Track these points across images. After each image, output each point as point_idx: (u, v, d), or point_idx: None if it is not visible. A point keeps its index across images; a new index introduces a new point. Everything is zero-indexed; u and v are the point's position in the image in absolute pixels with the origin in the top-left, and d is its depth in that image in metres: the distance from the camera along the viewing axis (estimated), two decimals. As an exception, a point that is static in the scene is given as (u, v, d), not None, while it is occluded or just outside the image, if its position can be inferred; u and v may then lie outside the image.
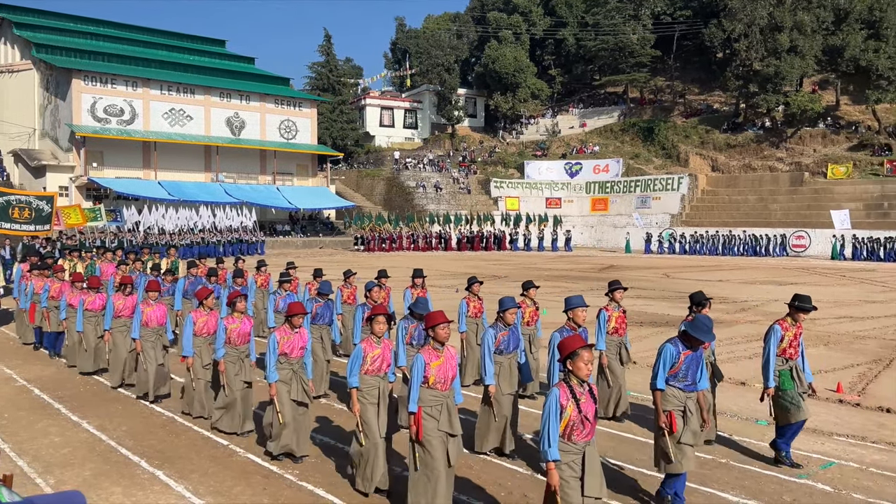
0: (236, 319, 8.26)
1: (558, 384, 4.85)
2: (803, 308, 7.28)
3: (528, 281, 10.14)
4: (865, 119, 56.51)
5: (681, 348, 6.17)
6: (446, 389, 5.97)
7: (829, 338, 14.55)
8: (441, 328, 5.94)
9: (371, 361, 6.56)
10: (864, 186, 48.99)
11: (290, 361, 7.35)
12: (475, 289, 10.48)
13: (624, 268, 34.75)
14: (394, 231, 50.65)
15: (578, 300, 7.42)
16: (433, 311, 6.16)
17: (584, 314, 7.34)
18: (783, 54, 53.86)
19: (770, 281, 27.31)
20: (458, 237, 51.44)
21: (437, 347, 5.98)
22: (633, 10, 66.97)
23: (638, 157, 62.03)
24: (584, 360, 4.77)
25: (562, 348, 4.85)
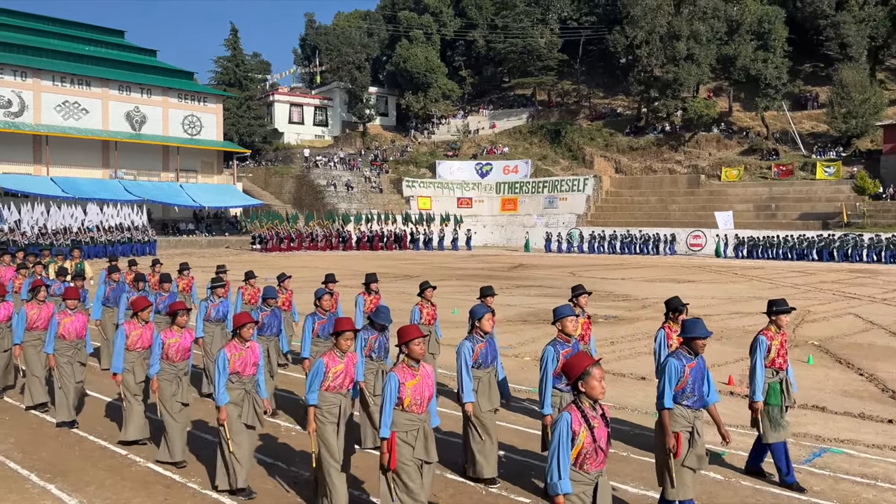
0: (175, 333, 7.44)
1: (569, 407, 4.30)
2: (783, 311, 6.98)
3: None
4: (755, 125, 59.98)
5: (684, 361, 5.79)
6: (422, 412, 5.47)
7: (722, 333, 15.35)
8: (416, 344, 5.41)
9: (333, 377, 6.07)
10: (755, 189, 51.99)
11: (243, 380, 6.59)
12: (428, 294, 9.94)
13: (532, 266, 35.53)
14: (292, 230, 49.55)
15: (567, 310, 6.77)
16: (406, 326, 5.59)
17: (575, 324, 6.73)
18: (681, 62, 56.41)
19: (668, 279, 28.57)
20: (359, 236, 50.89)
21: (411, 365, 5.44)
22: (541, 15, 68.52)
23: (546, 158, 63.56)
24: (596, 378, 4.27)
25: (570, 369, 4.34)
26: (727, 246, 43.88)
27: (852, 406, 9.64)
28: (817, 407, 9.60)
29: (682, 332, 5.89)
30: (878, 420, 8.99)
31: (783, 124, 57.95)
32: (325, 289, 9.37)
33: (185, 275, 13.32)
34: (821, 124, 56.09)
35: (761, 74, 55.41)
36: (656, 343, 7.46)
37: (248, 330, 6.58)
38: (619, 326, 16.38)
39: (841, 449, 7.89)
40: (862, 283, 26.80)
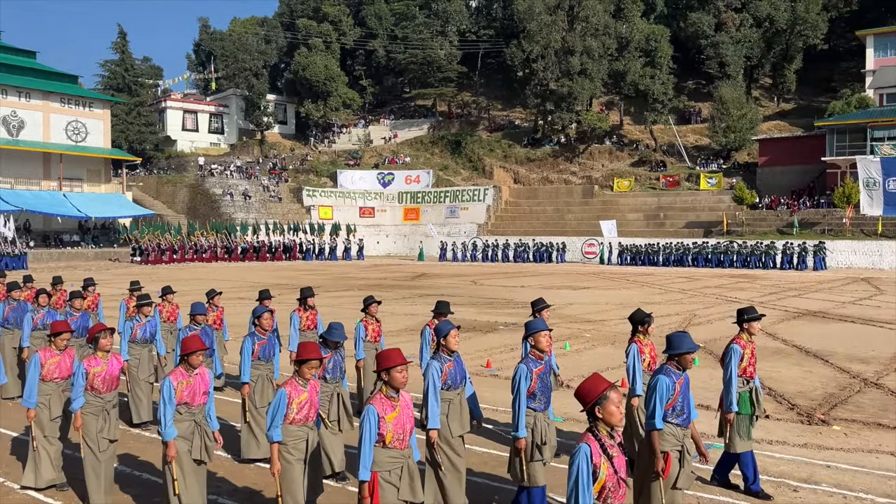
0: (100, 359, 6.58)
1: (586, 438, 3.85)
2: (753, 318, 6.88)
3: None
4: (644, 138, 62.91)
5: (674, 377, 5.58)
6: (405, 447, 4.92)
7: (616, 337, 15.96)
8: (398, 371, 4.85)
9: (298, 409, 5.53)
10: (644, 199, 54.48)
11: (192, 411, 5.88)
12: (372, 309, 9.35)
13: (435, 276, 35.77)
14: (175, 241, 47.75)
15: (541, 324, 6.34)
16: (387, 350, 5.00)
17: (549, 340, 6.24)
18: (575, 76, 58.48)
19: (566, 286, 29.47)
20: (245, 247, 49.70)
21: (391, 395, 4.88)
22: (441, 27, 69.36)
23: (447, 168, 64.27)
24: (614, 402, 3.86)
25: (585, 393, 3.91)
26: (611, 253, 45.86)
27: (734, 403, 10.22)
28: (702, 406, 10.12)
29: (670, 347, 5.65)
30: (758, 415, 9.57)
31: (670, 137, 61.06)
32: (265, 306, 8.52)
33: (91, 291, 11.93)
34: (704, 138, 59.50)
35: (649, 90, 58.23)
36: (629, 358, 7.18)
37: (198, 357, 5.91)
38: (518, 333, 16.71)
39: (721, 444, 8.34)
40: (742, 287, 28.53)
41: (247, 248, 49.43)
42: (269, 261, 49.29)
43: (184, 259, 46.88)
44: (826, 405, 9.93)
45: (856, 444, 8.24)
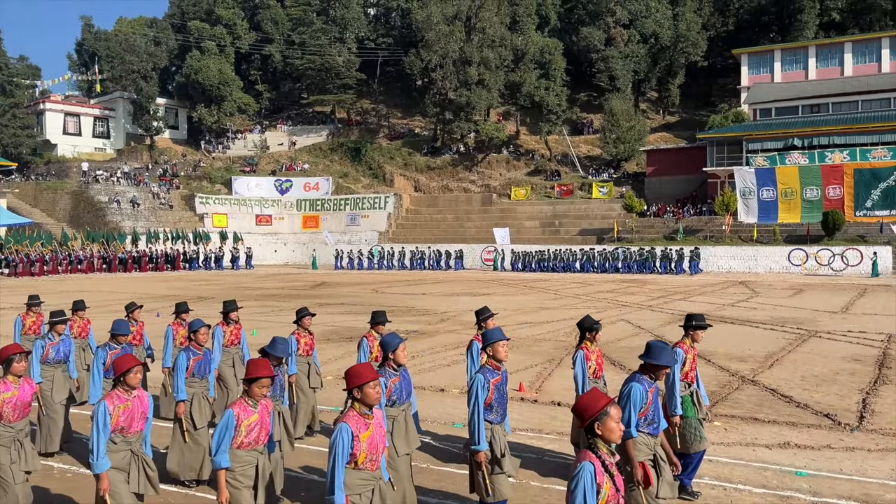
0: (10, 384, 5.94)
1: (586, 456, 3.70)
2: (701, 326, 6.91)
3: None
4: (540, 148, 64.68)
5: (646, 385, 5.50)
6: (376, 468, 4.66)
7: (513, 342, 16.28)
8: (371, 387, 4.55)
9: (247, 431, 5.10)
10: (540, 207, 55.98)
11: (128, 439, 5.36)
12: (305, 322, 8.90)
13: (335, 284, 35.35)
14: (45, 251, 44.99)
15: (499, 333, 6.09)
16: (359, 366, 4.69)
17: (507, 350, 6.06)
18: (473, 86, 59.46)
19: (466, 293, 29.82)
20: (123, 257, 47.56)
21: (364, 413, 4.58)
22: (339, 33, 68.84)
23: (347, 176, 63.77)
24: (615, 419, 3.74)
25: (584, 409, 3.77)
26: (503, 260, 46.97)
27: (625, 403, 10.64)
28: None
29: (648, 356, 5.57)
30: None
31: (564, 148, 63.07)
32: (202, 321, 7.92)
33: (35, 311, 10.86)
34: (595, 148, 61.84)
35: (544, 101, 59.99)
36: (576, 365, 7.09)
37: (136, 375, 5.31)
38: (419, 340, 16.77)
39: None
40: (632, 292, 29.78)
41: (125, 259, 47.13)
42: (152, 271, 47.24)
43: (56, 271, 44.09)
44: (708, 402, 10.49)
45: (734, 439, 8.75)
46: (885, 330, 17.46)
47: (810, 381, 11.90)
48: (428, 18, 60.01)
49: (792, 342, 15.86)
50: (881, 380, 11.82)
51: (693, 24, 62.81)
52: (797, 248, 40.68)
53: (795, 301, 25.04)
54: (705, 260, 42.13)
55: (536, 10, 67.54)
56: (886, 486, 7.05)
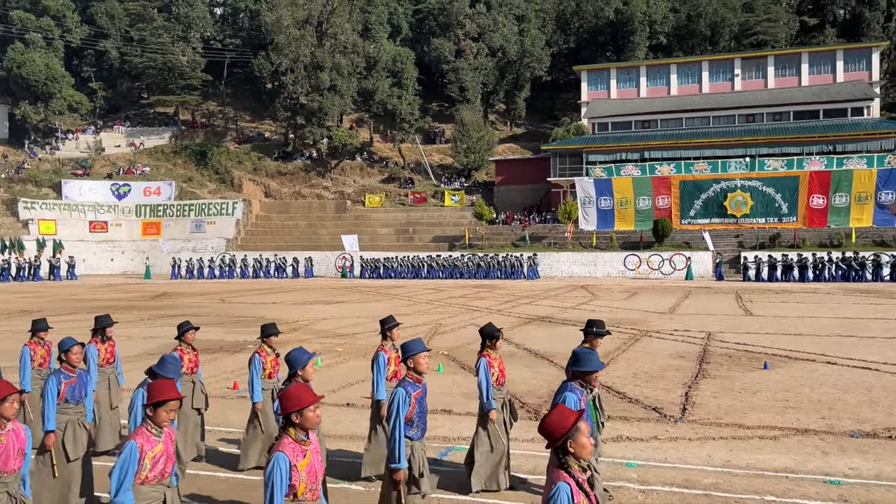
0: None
1: (559, 475, 3.55)
2: (601, 333, 6.98)
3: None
4: (394, 156, 65.14)
5: (578, 394, 5.39)
6: (316, 498, 4.22)
7: (367, 350, 16.25)
8: (311, 411, 4.13)
9: (151, 464, 4.45)
10: (394, 214, 56.35)
11: (4, 480, 4.66)
12: (189, 337, 8.25)
13: (177, 294, 33.63)
14: None
15: (420, 345, 5.86)
16: (297, 387, 4.23)
17: (428, 361, 5.87)
18: (325, 92, 58.89)
19: (319, 301, 29.41)
20: None
21: (301, 440, 4.14)
22: (182, 32, 65.79)
23: (191, 180, 60.91)
24: (585, 434, 3.61)
25: (554, 427, 3.60)
26: (353, 267, 46.96)
27: (474, 407, 10.94)
28: (445, 410, 10.70)
29: (577, 364, 5.48)
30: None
31: (417, 156, 63.92)
32: (73, 339, 7.04)
33: None
34: (447, 157, 63.17)
35: (397, 109, 60.52)
36: (480, 372, 6.93)
37: (12, 405, 4.62)
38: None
39: (463, 446, 8.90)
40: (482, 297, 30.68)
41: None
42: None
43: None
44: (550, 402, 11.02)
45: (574, 435, 9.24)
46: (706, 328, 19.15)
47: (641, 377, 12.82)
48: (278, 21, 58.74)
49: (626, 341, 17.01)
50: (701, 374, 12.96)
51: (537, 40, 65.92)
52: (631, 254, 43.68)
53: (630, 303, 26.88)
54: (550, 265, 44.25)
55: (388, 19, 68.16)
56: (704, 471, 7.74)
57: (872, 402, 10.65)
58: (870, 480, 7.33)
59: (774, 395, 11.30)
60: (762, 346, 15.86)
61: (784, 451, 8.34)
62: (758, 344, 16.25)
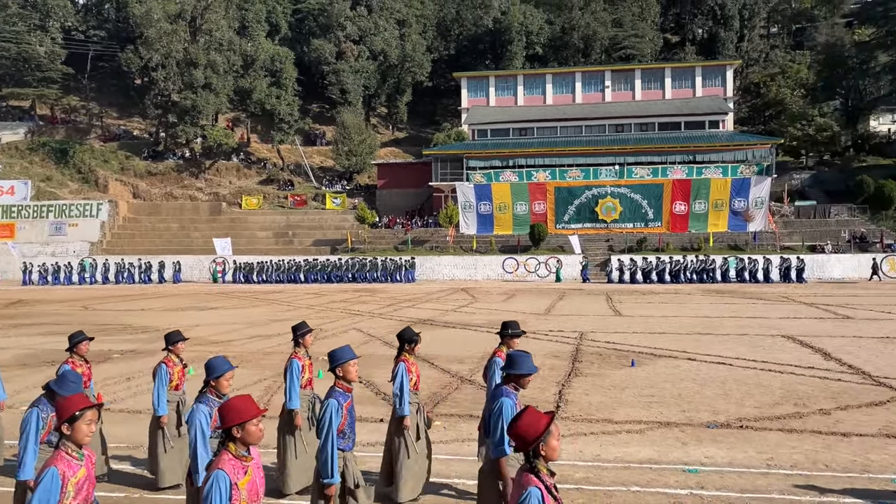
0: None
1: (529, 480, 3.48)
2: (516, 334, 6.94)
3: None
4: (272, 157, 63.60)
5: (514, 398, 5.34)
6: None
7: (242, 357, 15.76)
8: (255, 425, 3.85)
9: (75, 491, 3.96)
10: (273, 217, 54.98)
11: None
12: (82, 349, 7.58)
13: (34, 302, 31.26)
14: None
15: (349, 352, 5.65)
16: (238, 399, 3.91)
17: (356, 369, 5.66)
18: (199, 89, 56.65)
19: (192, 307, 28.20)
20: None
21: (242, 455, 3.86)
22: (40, 21, 61.33)
23: (50, 179, 56.84)
24: (556, 436, 3.59)
25: (526, 430, 3.54)
26: (224, 273, 45.59)
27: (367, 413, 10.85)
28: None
29: (511, 367, 5.40)
30: (371, 420, 10.31)
31: (297, 158, 62.71)
32: None
33: None
34: (328, 159, 62.41)
35: (275, 109, 59.16)
36: (397, 378, 6.78)
37: None
38: (135, 361, 15.51)
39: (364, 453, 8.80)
40: (364, 300, 30.51)
41: None
42: None
43: None
44: (430, 403, 11.12)
45: (453, 436, 9.39)
46: (579, 328, 19.97)
47: (518, 377, 13.18)
48: (147, 14, 55.95)
49: (504, 343, 17.42)
50: (574, 373, 13.50)
51: (419, 45, 66.45)
52: (510, 258, 44.86)
53: (508, 305, 27.59)
54: (431, 269, 44.68)
55: (267, 18, 66.54)
56: (576, 466, 8.06)
57: (726, 395, 11.49)
58: (723, 468, 7.90)
59: (640, 391, 11.95)
60: (630, 345, 16.72)
61: (648, 444, 8.84)
62: (626, 343, 17.12)
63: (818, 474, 7.63)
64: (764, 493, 7.13)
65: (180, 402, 7.48)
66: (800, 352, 15.53)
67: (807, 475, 7.61)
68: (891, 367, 13.61)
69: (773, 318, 21.84)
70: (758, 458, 8.24)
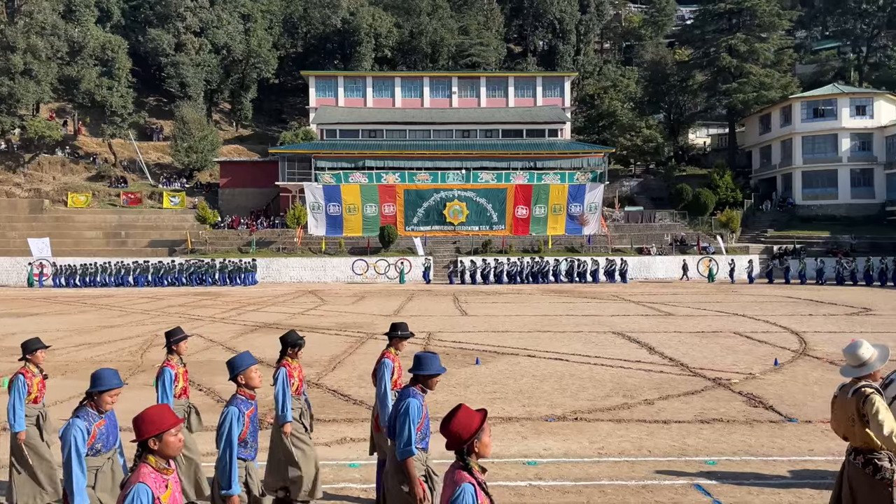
0: None
1: (462, 476, 3.50)
2: (405, 335, 6.91)
3: (32, 339, 7.10)
4: (103, 151, 59.26)
5: (421, 399, 5.25)
6: None
7: (68, 366, 14.58)
8: (172, 434, 3.61)
9: None
10: (104, 216, 51.24)
11: None
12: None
13: None
14: None
15: (249, 358, 5.48)
16: (156, 409, 3.70)
17: (259, 374, 5.46)
18: (17, 76, 51.76)
19: (9, 313, 25.70)
20: None
21: (162, 468, 3.61)
22: None
23: None
24: (487, 432, 3.65)
25: (463, 429, 3.56)
26: (42, 275, 42.25)
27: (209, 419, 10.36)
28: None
29: (419, 368, 5.32)
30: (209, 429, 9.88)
31: (131, 153, 58.87)
32: None
33: None
34: (166, 156, 59.10)
35: (107, 101, 55.22)
36: (278, 383, 6.54)
37: None
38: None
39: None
40: (205, 304, 29.20)
41: None
42: None
43: None
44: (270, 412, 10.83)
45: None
46: (427, 328, 20.29)
47: (366, 379, 13.16)
48: (-45, -11, 50.29)
49: (353, 345, 17.37)
50: (421, 372, 13.68)
51: (264, 41, 64.61)
52: (359, 259, 44.75)
53: (357, 307, 27.51)
54: (278, 271, 43.70)
55: (97, 3, 61.89)
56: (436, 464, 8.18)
57: (563, 389, 12.15)
58: (560, 459, 8.35)
59: (484, 387, 12.36)
60: (475, 344, 17.24)
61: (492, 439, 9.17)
62: (471, 342, 17.63)
63: (643, 459, 8.27)
64: (595, 480, 7.62)
65: (41, 416, 6.82)
66: (628, 347, 16.74)
67: (632, 461, 8.22)
68: (705, 358, 15.01)
69: (605, 316, 23.38)
70: (591, 447, 8.79)
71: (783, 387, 12.17)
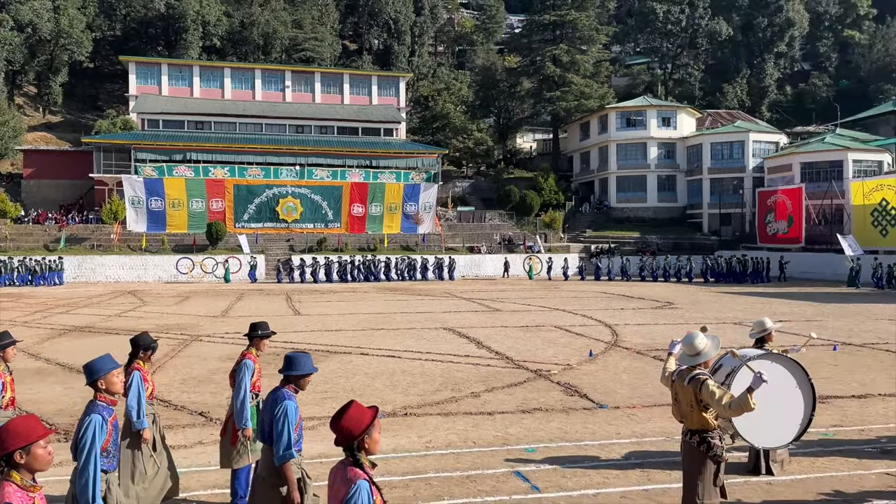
0: None
1: (355, 473, 3.47)
2: (266, 335, 6.72)
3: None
4: None
5: (295, 401, 5.14)
6: None
7: None
8: (41, 447, 3.31)
9: None
10: None
11: None
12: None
13: None
14: None
15: (110, 361, 4.99)
16: (21, 420, 3.41)
17: (121, 379, 5.11)
18: None
19: None
20: None
21: (28, 485, 3.29)
22: None
23: None
24: (378, 428, 3.63)
25: (355, 425, 3.53)
26: None
27: None
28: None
29: (290, 368, 5.12)
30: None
31: (-88, 137, 51.83)
32: None
33: None
34: (-43, 142, 52.64)
35: None
36: (132, 388, 6.15)
37: None
38: None
39: None
40: (4, 307, 26.42)
41: None
42: None
43: None
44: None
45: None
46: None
47: (189, 383, 12.58)
48: None
49: (175, 347, 16.47)
50: (250, 374, 13.26)
51: (77, 21, 59.38)
52: (184, 257, 42.48)
53: (181, 308, 26.12)
54: (92, 269, 40.59)
55: None
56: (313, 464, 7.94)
57: (394, 386, 12.30)
58: (388, 455, 8.44)
59: (315, 387, 12.19)
60: (308, 343, 16.98)
61: (320, 440, 9.07)
62: (304, 341, 17.35)
63: (468, 451, 8.57)
64: (422, 473, 7.79)
65: None
66: (458, 342, 17.27)
67: (458, 453, 8.50)
68: (529, 351, 15.82)
69: (437, 313, 23.94)
70: (419, 441, 8.97)
71: (596, 376, 13.12)
